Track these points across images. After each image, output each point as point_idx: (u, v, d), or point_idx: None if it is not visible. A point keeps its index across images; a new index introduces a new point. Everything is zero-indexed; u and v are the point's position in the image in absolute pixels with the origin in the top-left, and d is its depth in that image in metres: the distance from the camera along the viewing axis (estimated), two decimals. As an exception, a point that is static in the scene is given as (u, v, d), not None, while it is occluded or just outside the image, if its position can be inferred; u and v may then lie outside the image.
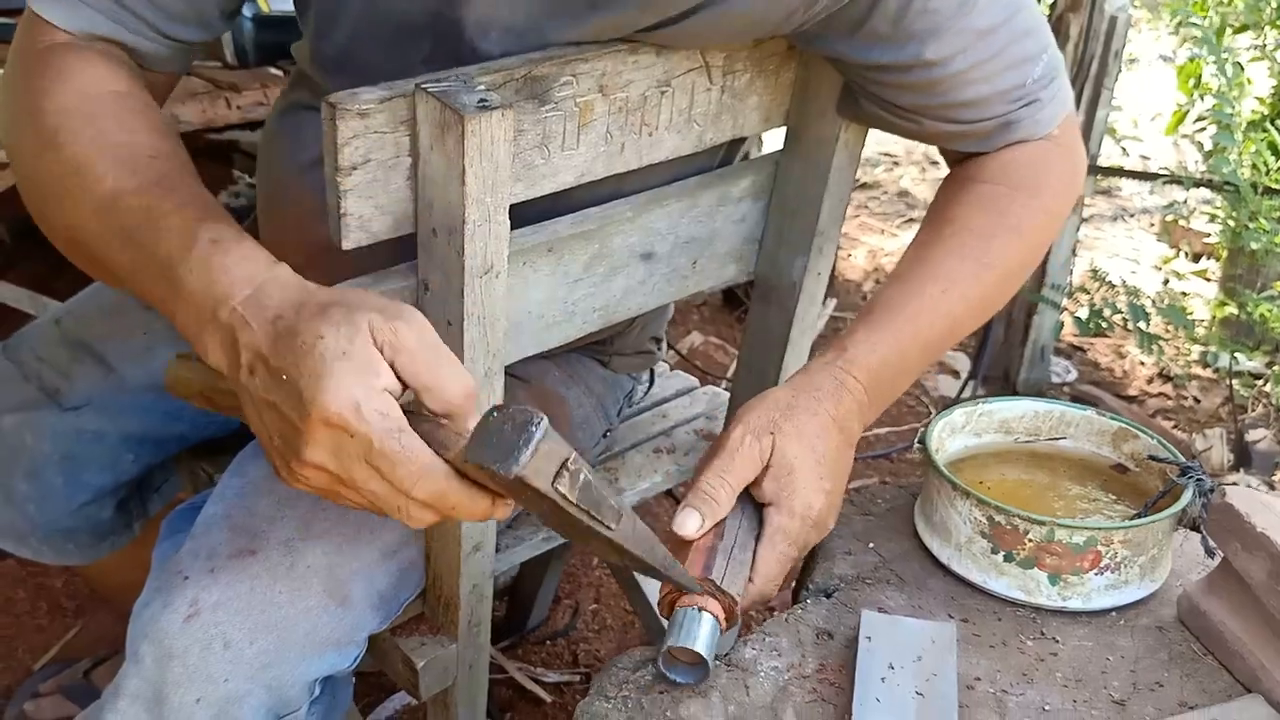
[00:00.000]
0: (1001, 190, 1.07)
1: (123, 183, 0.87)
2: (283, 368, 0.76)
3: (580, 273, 1.08)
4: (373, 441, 0.74)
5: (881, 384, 1.02)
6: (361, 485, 0.77)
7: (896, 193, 4.15)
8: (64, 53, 0.96)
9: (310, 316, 0.77)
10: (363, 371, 0.75)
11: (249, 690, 0.98)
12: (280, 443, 0.79)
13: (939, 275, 1.04)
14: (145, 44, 1.00)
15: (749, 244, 1.24)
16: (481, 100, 0.84)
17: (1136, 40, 4.97)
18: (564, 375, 1.30)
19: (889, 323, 1.02)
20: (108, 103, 0.93)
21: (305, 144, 1.11)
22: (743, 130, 1.13)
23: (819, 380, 0.99)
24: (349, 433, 0.74)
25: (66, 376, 1.30)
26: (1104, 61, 2.40)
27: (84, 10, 0.97)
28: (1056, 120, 1.09)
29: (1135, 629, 0.98)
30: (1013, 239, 1.06)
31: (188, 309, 0.82)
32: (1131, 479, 1.09)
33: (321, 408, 0.74)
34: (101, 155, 0.89)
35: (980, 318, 1.08)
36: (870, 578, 1.03)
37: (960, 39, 0.98)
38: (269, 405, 0.78)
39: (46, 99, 0.93)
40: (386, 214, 0.91)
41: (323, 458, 0.76)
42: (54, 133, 0.91)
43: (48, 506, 1.32)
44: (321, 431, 0.74)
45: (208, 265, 0.81)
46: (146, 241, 0.84)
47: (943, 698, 0.87)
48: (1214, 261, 3.52)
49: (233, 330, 0.79)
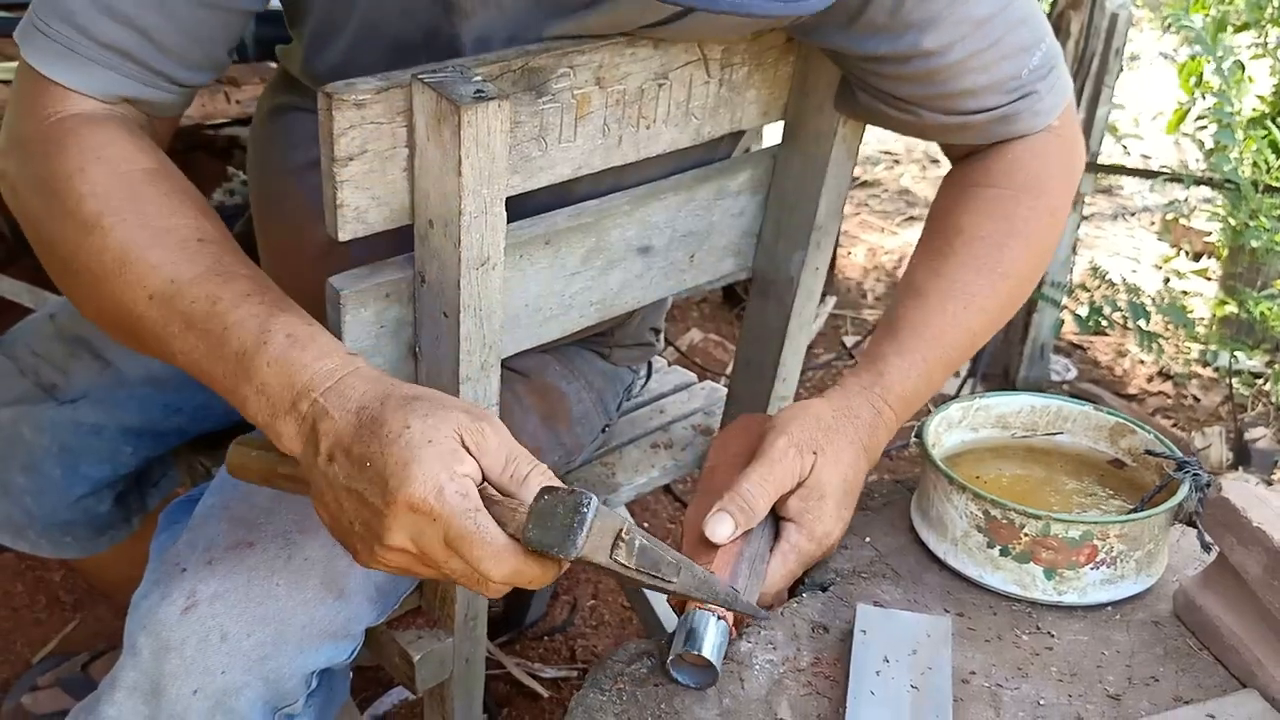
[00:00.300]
0: (1007, 194, 1.07)
1: (180, 271, 0.87)
2: (367, 455, 0.78)
3: (578, 266, 1.08)
4: (452, 523, 0.77)
5: (910, 408, 1.05)
6: (443, 564, 0.79)
7: (897, 191, 4.15)
8: (88, 128, 0.92)
9: (396, 407, 0.79)
10: (447, 458, 0.78)
11: (246, 682, 0.98)
12: (361, 528, 0.80)
13: (956, 291, 1.05)
14: (157, 94, 0.97)
15: (747, 238, 1.24)
16: (478, 91, 0.84)
17: (1137, 39, 4.97)
18: (564, 369, 1.30)
19: (917, 346, 1.04)
20: (147, 184, 0.91)
21: (298, 146, 1.11)
22: (741, 124, 1.13)
23: (858, 406, 1.02)
24: (431, 516, 0.77)
25: (63, 371, 1.30)
26: (1105, 59, 2.40)
27: (97, 71, 0.93)
28: (1056, 111, 1.09)
29: (1131, 624, 0.98)
30: (1022, 246, 1.07)
31: (260, 400, 0.83)
32: (1128, 474, 1.09)
33: (407, 493, 0.76)
34: (153, 243, 0.88)
35: (995, 328, 1.10)
36: (866, 572, 1.03)
37: (957, 28, 0.98)
38: (350, 493, 0.80)
39: (82, 180, 0.89)
40: (383, 205, 0.91)
41: (404, 541, 0.78)
42: (96, 217, 0.88)
43: (45, 500, 1.32)
44: (405, 516, 0.77)
45: (285, 361, 0.83)
46: (213, 331, 0.85)
47: (937, 691, 0.87)
48: (1214, 260, 3.52)
49: (314, 421, 0.82)
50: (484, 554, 0.77)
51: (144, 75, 0.95)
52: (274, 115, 1.15)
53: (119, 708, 0.98)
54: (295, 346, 0.83)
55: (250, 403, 0.84)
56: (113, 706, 0.99)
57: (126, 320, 0.89)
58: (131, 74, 0.94)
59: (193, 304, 0.86)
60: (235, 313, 0.85)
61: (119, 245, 0.87)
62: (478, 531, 0.77)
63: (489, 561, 0.78)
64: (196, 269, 0.87)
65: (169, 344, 0.87)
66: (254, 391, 0.83)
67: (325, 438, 0.81)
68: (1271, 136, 2.32)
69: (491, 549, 0.78)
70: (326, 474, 0.81)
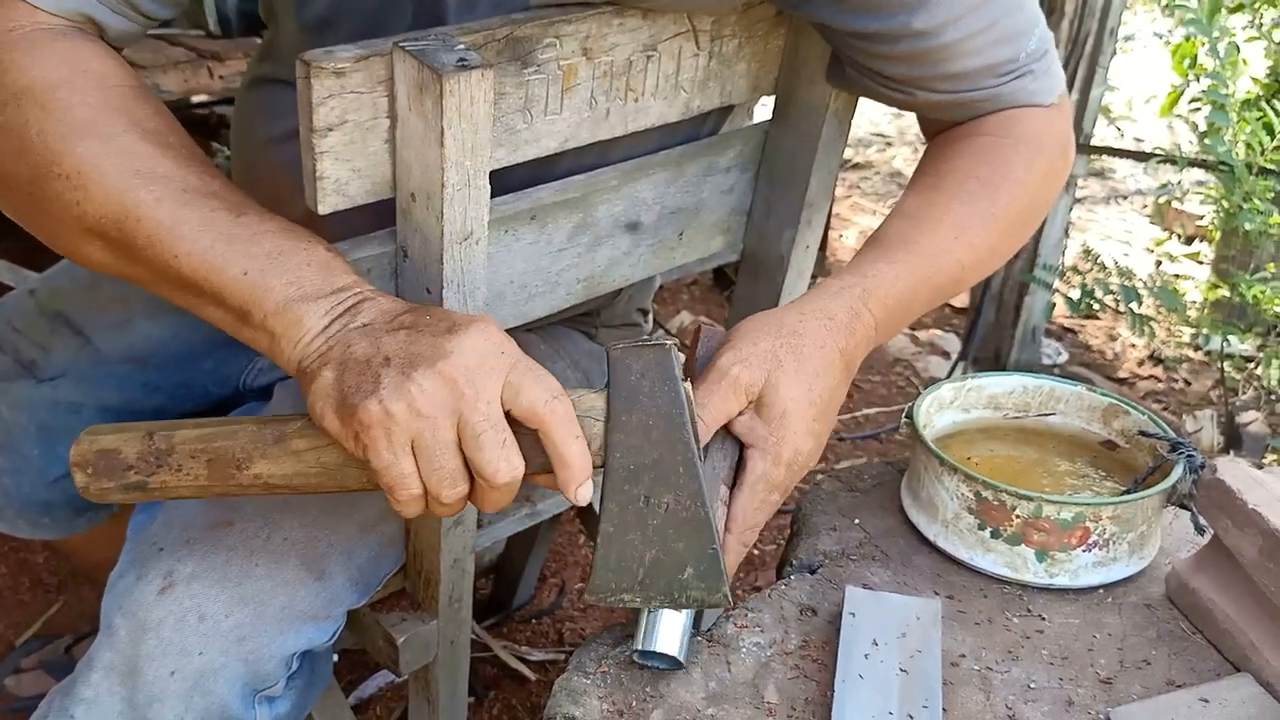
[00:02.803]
0: (1006, 143, 1.04)
1: (195, 184, 0.85)
2: (429, 314, 0.80)
3: (564, 242, 1.06)
4: (518, 360, 0.78)
5: (892, 320, 0.98)
6: (428, 441, 0.76)
7: (889, 173, 4.13)
8: (63, 40, 0.89)
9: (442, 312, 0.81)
10: (495, 351, 0.78)
11: (224, 663, 0.97)
12: (400, 357, 0.77)
13: (949, 220, 1.00)
14: (120, 22, 0.94)
15: (737, 215, 1.23)
16: (461, 59, 0.82)
17: (1131, 21, 4.95)
18: (549, 349, 1.28)
19: (906, 259, 0.98)
20: (137, 102, 0.89)
21: (277, 117, 1.09)
22: (731, 98, 1.11)
23: (834, 308, 0.94)
24: (501, 349, 0.78)
25: (43, 348, 1.28)
26: (1099, 39, 2.39)
27: None
28: (1052, 94, 1.06)
29: (1123, 607, 0.97)
30: (1018, 191, 1.03)
31: (289, 289, 0.82)
32: (1121, 455, 1.08)
33: (481, 325, 0.78)
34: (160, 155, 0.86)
35: (981, 270, 1.04)
36: (855, 554, 1.02)
37: (950, 10, 0.96)
38: (398, 331, 0.79)
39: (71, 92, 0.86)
40: (364, 178, 0.89)
41: (462, 372, 0.76)
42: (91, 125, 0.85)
43: (23, 479, 1.30)
44: (475, 342, 0.77)
45: (329, 265, 0.84)
46: (240, 235, 0.83)
47: (927, 674, 0.86)
48: (1206, 244, 3.51)
49: (355, 302, 0.82)
50: (545, 388, 0.77)
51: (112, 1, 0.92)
52: (255, 86, 1.13)
53: (95, 689, 0.97)
54: (338, 259, 0.85)
55: (275, 291, 0.82)
56: (89, 688, 0.97)
57: (121, 223, 0.85)
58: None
59: (212, 212, 0.84)
60: (267, 224, 0.85)
61: (122, 150, 0.85)
62: (540, 370, 0.78)
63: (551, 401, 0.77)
64: (214, 186, 0.86)
65: (173, 245, 0.84)
66: (284, 282, 0.82)
67: (368, 310, 0.81)
68: (1266, 118, 2.30)
69: (555, 387, 0.78)
70: (361, 330, 0.80)
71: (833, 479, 1.13)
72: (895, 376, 2.89)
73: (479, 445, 0.77)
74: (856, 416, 2.69)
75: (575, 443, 0.78)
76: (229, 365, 1.33)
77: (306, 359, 0.81)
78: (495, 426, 0.77)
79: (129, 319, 1.27)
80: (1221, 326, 2.55)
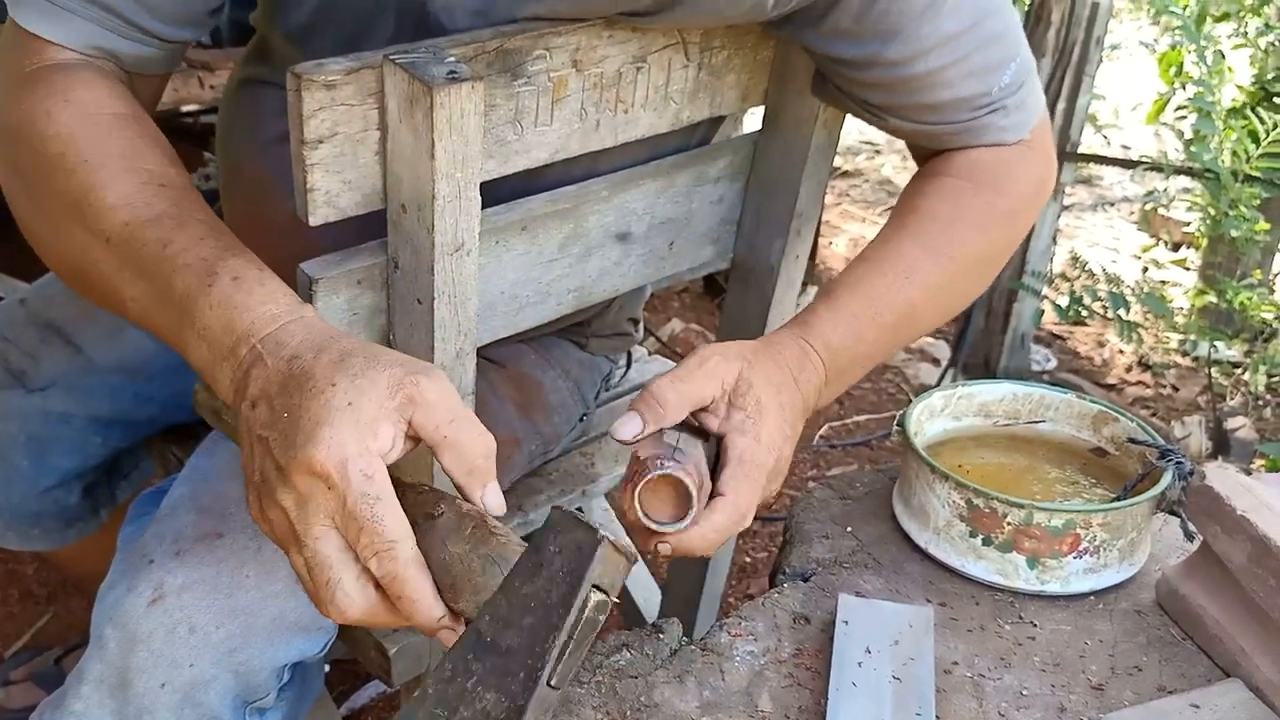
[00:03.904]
0: (966, 186, 1.06)
1: (136, 214, 0.84)
2: (286, 406, 0.74)
3: (555, 253, 1.06)
4: (346, 500, 0.71)
5: (839, 363, 0.99)
6: (309, 540, 0.72)
7: (878, 181, 4.15)
8: (60, 74, 0.91)
9: (328, 363, 0.75)
10: (362, 427, 0.72)
11: (215, 675, 0.96)
12: (259, 479, 0.76)
13: (899, 260, 1.02)
14: (137, 49, 0.95)
15: (726, 225, 1.23)
16: (451, 72, 0.82)
17: (1117, 29, 4.98)
18: (540, 359, 1.28)
19: (848, 302, 1.00)
20: (113, 127, 0.89)
21: (263, 121, 1.09)
22: (720, 109, 1.11)
23: (782, 343, 0.96)
24: (327, 485, 0.71)
25: (33, 357, 1.28)
26: (1085, 48, 2.40)
27: (75, 22, 0.91)
28: (1026, 127, 1.07)
29: (1114, 613, 0.98)
30: (973, 234, 1.05)
31: (201, 345, 0.80)
32: (1111, 462, 1.09)
33: (308, 454, 0.71)
34: (112, 183, 0.85)
35: (941, 310, 1.07)
36: (847, 562, 1.02)
37: (922, 42, 0.96)
38: (261, 441, 0.75)
39: (49, 123, 0.88)
40: (354, 189, 0.89)
41: (287, 503, 0.72)
42: (59, 158, 0.86)
43: (13, 490, 1.30)
44: (302, 477, 0.71)
45: (229, 304, 0.79)
46: (161, 275, 0.81)
47: (920, 682, 0.86)
48: (1193, 251, 3.53)
49: (248, 367, 0.77)
50: (369, 540, 0.70)
51: (124, 28, 0.93)
52: (241, 88, 1.13)
53: (85, 701, 0.96)
54: (240, 290, 0.79)
55: (192, 348, 0.80)
56: (79, 700, 0.97)
57: (82, 265, 0.86)
58: (112, 26, 0.92)
59: (144, 247, 0.83)
60: (185, 255, 0.81)
61: (79, 186, 0.85)
62: (371, 517, 0.70)
63: (371, 549, 0.70)
64: (153, 212, 0.84)
65: (121, 290, 0.84)
66: (195, 336, 0.80)
67: (254, 383, 0.76)
68: (1251, 126, 2.32)
69: (381, 537, 0.70)
70: (247, 419, 0.77)
71: (824, 487, 1.13)
72: (885, 383, 2.90)
73: (312, 582, 0.73)
74: (847, 424, 2.70)
75: (402, 602, 0.72)
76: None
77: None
78: (321, 565, 0.72)
79: (120, 329, 1.27)
80: (1209, 332, 2.57)
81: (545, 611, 0.68)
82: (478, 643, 0.69)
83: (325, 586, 0.72)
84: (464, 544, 0.72)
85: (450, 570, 0.71)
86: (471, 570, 0.71)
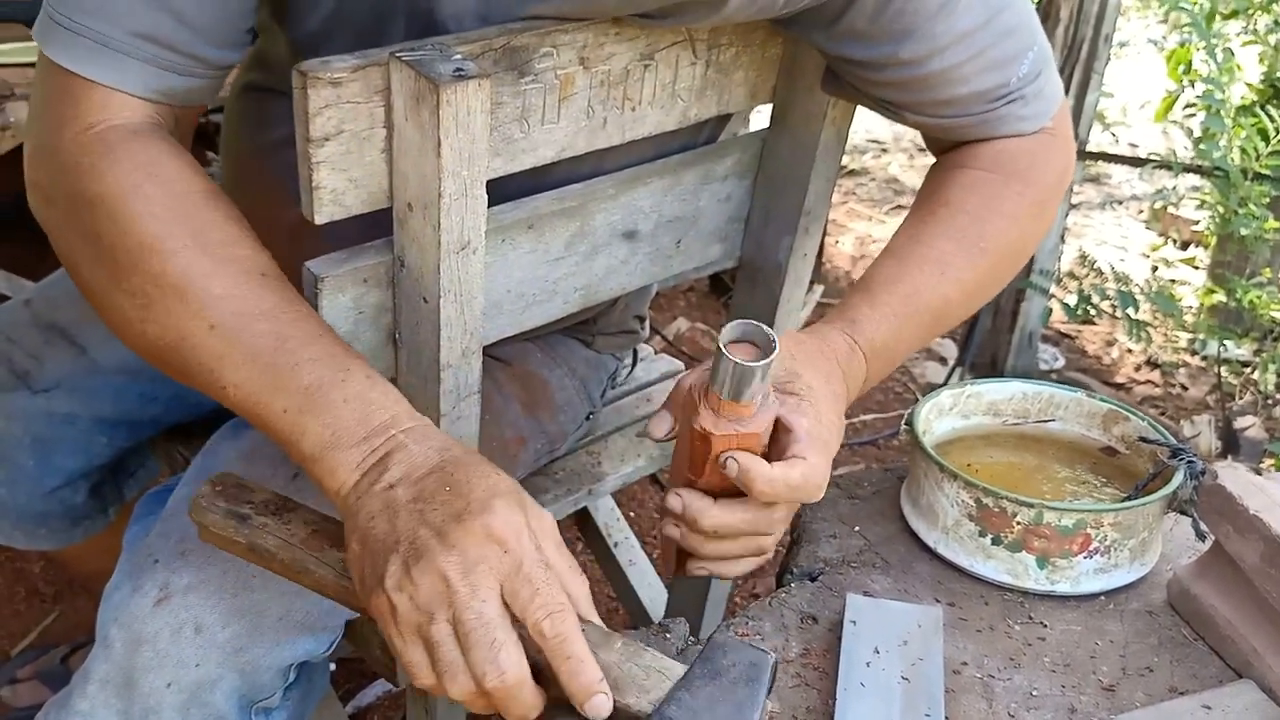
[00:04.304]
0: (995, 178, 1.04)
1: (247, 306, 0.83)
2: (447, 482, 0.76)
3: (561, 251, 1.06)
4: (522, 563, 0.73)
5: (879, 360, 0.98)
6: (476, 604, 0.72)
7: (885, 179, 4.14)
8: (139, 143, 0.87)
9: (480, 460, 0.79)
10: (532, 507, 0.77)
11: (221, 675, 0.96)
12: (407, 547, 0.74)
13: (933, 256, 1.00)
14: (189, 82, 0.90)
15: (734, 224, 1.22)
16: (457, 69, 0.82)
17: (1126, 27, 4.97)
18: (546, 357, 1.28)
19: (889, 300, 0.98)
20: (205, 208, 0.87)
21: (266, 125, 1.08)
22: (728, 106, 1.10)
23: (829, 336, 0.95)
24: (503, 549, 0.73)
25: (37, 359, 1.28)
26: (1094, 45, 2.39)
27: (131, 65, 0.86)
28: (1046, 115, 1.06)
29: (1125, 613, 0.97)
30: (1006, 225, 1.03)
31: (325, 432, 0.80)
32: (1121, 462, 1.08)
33: (484, 520, 0.74)
34: (216, 272, 0.84)
35: (970, 304, 1.05)
36: (855, 561, 1.01)
37: (937, 40, 0.95)
38: (409, 511, 0.76)
39: (139, 200, 0.84)
40: (360, 188, 0.88)
41: (453, 567, 0.73)
42: (155, 239, 0.83)
43: (18, 490, 1.30)
44: (474, 541, 0.73)
45: (364, 399, 0.81)
46: (282, 366, 0.82)
47: (929, 682, 0.86)
48: (1202, 249, 3.51)
49: (387, 452, 0.79)
50: (545, 599, 0.73)
51: (178, 62, 0.88)
52: (244, 93, 1.13)
53: (91, 701, 0.96)
54: (375, 388, 0.82)
55: (310, 435, 0.80)
56: (85, 700, 0.96)
57: (178, 348, 0.85)
58: (167, 63, 0.88)
59: (258, 339, 0.82)
60: (308, 349, 0.82)
61: (180, 272, 0.83)
62: (546, 582, 0.73)
63: (546, 609, 0.73)
64: (264, 305, 0.84)
65: (222, 375, 0.83)
66: (320, 424, 0.80)
67: (396, 466, 0.78)
68: (1260, 124, 2.31)
69: (555, 603, 0.73)
70: (384, 497, 0.77)
71: (832, 486, 1.13)
72: (892, 383, 2.89)
73: (467, 645, 0.73)
74: (854, 423, 2.69)
75: (569, 662, 0.73)
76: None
77: (343, 513, 0.81)
78: (486, 625, 0.72)
79: (124, 330, 1.27)
80: (1218, 331, 2.56)
81: (735, 706, 0.74)
82: None
83: (489, 648, 0.72)
84: (616, 654, 0.76)
85: (609, 673, 0.76)
86: (634, 675, 0.76)
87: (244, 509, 0.86)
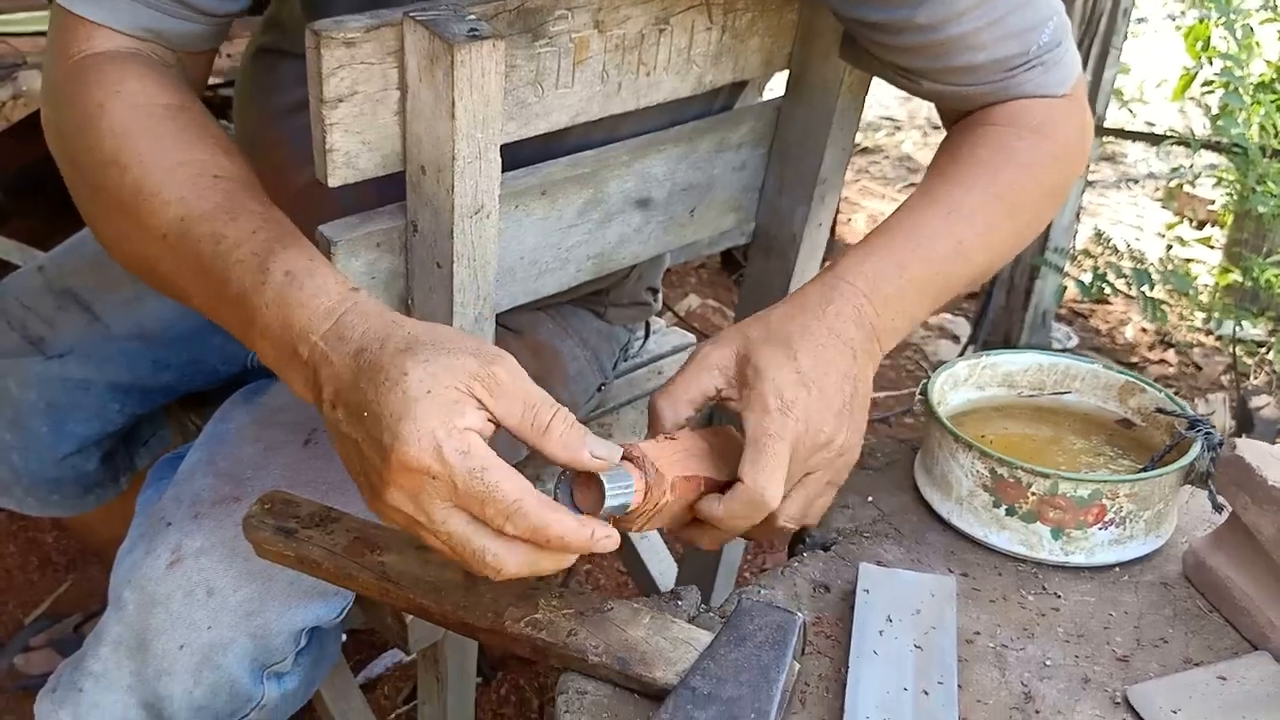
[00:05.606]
0: (1011, 131, 1.02)
1: (190, 208, 0.83)
2: (364, 404, 0.72)
3: (574, 218, 1.05)
4: (456, 484, 0.70)
5: (884, 290, 0.92)
6: (439, 527, 0.71)
7: (898, 157, 4.11)
8: (111, 64, 0.90)
9: (395, 351, 0.73)
10: (446, 410, 0.70)
11: (233, 638, 0.97)
12: (364, 480, 0.75)
13: (942, 201, 0.97)
14: (184, 26, 0.94)
15: (749, 192, 1.22)
16: (472, 29, 0.81)
17: (1143, 3, 4.92)
18: (558, 327, 1.27)
19: (877, 238, 0.95)
20: (166, 119, 0.88)
21: (279, 89, 1.08)
22: (744, 73, 1.09)
23: (801, 294, 0.91)
24: (431, 475, 0.70)
25: (51, 325, 1.28)
26: (1112, 19, 2.37)
27: (121, 4, 0.91)
28: (1065, 85, 1.04)
29: (1139, 585, 0.96)
30: (1022, 174, 1.00)
31: (266, 345, 0.79)
32: (1137, 434, 1.07)
33: (401, 452, 0.69)
34: (167, 179, 0.84)
35: (991, 252, 1.01)
36: (868, 531, 1.01)
37: (956, 4, 0.94)
38: (352, 442, 0.74)
39: (101, 117, 0.87)
40: (374, 150, 0.88)
41: (400, 501, 0.72)
42: (115, 154, 0.85)
43: (32, 456, 1.30)
44: (402, 476, 0.70)
45: (283, 301, 0.77)
46: (217, 272, 0.80)
47: (941, 651, 0.85)
48: (1218, 228, 3.49)
49: (315, 366, 0.76)
50: (495, 509, 0.70)
51: (170, 6, 0.92)
52: (257, 57, 1.13)
53: (104, 662, 0.97)
54: (293, 285, 0.78)
55: (259, 349, 0.80)
56: (98, 661, 0.97)
57: (145, 261, 0.86)
58: (158, 6, 0.92)
59: (199, 244, 0.82)
60: (238, 251, 0.80)
61: (134, 182, 0.84)
62: (486, 488, 0.69)
63: (502, 516, 0.70)
64: (206, 205, 0.83)
65: (184, 288, 0.83)
66: (259, 336, 0.79)
67: (327, 384, 0.75)
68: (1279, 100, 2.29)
69: (503, 502, 0.70)
70: (331, 420, 0.76)
71: (845, 457, 1.12)
72: (905, 360, 2.88)
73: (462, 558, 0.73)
74: (866, 400, 2.68)
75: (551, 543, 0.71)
76: (237, 343, 1.31)
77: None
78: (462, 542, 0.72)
79: (138, 296, 1.27)
80: (1233, 311, 2.54)
81: (760, 670, 0.76)
82: (694, 696, 0.75)
83: (475, 557, 0.72)
84: (643, 629, 0.79)
85: (637, 649, 0.78)
86: (661, 649, 0.78)
87: (290, 524, 0.88)
